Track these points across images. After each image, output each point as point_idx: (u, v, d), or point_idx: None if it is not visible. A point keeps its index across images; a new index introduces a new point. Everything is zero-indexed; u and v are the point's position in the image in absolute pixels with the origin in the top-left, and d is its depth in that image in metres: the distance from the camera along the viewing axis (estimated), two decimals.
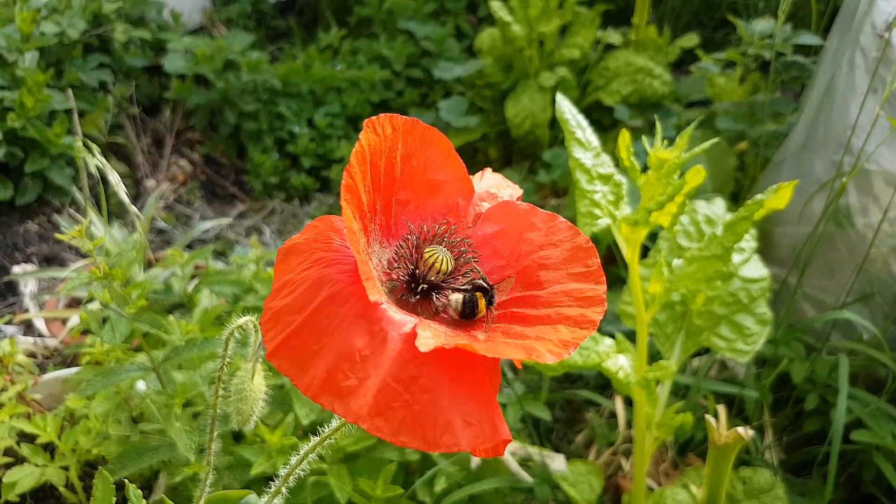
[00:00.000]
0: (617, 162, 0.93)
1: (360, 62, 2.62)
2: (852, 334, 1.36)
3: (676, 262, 0.90)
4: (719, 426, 0.83)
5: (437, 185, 0.44)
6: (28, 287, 1.84)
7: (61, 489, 1.09)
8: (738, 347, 0.96)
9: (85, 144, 0.78)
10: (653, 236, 1.30)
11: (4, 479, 1.00)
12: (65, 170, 2.13)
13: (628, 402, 1.34)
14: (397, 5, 2.76)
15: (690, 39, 2.21)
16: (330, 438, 0.49)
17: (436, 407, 0.34)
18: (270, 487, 0.59)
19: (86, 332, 1.42)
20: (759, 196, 0.79)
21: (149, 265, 1.69)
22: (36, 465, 1.04)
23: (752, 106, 1.84)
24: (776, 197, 0.80)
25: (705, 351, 1.36)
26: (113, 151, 2.40)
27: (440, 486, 1.00)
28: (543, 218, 0.43)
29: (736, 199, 1.79)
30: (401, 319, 0.36)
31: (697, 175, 0.78)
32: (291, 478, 0.58)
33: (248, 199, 2.43)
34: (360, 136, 0.39)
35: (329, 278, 0.36)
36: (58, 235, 0.81)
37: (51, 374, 1.27)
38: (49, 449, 1.20)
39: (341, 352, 0.34)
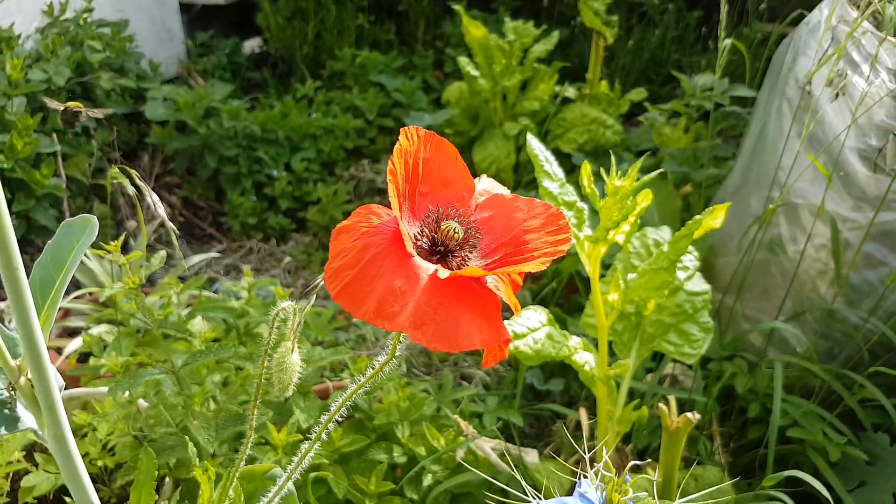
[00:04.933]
0: (578, 192, 1.09)
1: (334, 111, 2.77)
2: (788, 350, 1.53)
3: (630, 276, 1.05)
4: (671, 413, 0.97)
5: (448, 181, 0.59)
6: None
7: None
8: (685, 351, 1.10)
9: (122, 170, 0.89)
10: (609, 262, 1.46)
11: (23, 484, 1.08)
12: (49, 210, 2.21)
13: (592, 413, 1.47)
14: (368, 60, 2.95)
15: (638, 93, 2.43)
16: (322, 439, 0.64)
17: (456, 322, 0.48)
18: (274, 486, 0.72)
19: (85, 355, 1.50)
20: (697, 216, 0.95)
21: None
22: (48, 473, 1.12)
23: (695, 152, 2.05)
24: (711, 216, 0.96)
25: (658, 365, 1.51)
26: (95, 194, 2.49)
27: (427, 482, 1.11)
28: (525, 201, 0.59)
29: None
30: (427, 265, 0.51)
31: (646, 197, 0.93)
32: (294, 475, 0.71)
33: (225, 239, 2.53)
34: (399, 139, 0.54)
35: (374, 243, 0.51)
36: (103, 245, 0.92)
37: None
38: None
39: (386, 289, 0.48)
